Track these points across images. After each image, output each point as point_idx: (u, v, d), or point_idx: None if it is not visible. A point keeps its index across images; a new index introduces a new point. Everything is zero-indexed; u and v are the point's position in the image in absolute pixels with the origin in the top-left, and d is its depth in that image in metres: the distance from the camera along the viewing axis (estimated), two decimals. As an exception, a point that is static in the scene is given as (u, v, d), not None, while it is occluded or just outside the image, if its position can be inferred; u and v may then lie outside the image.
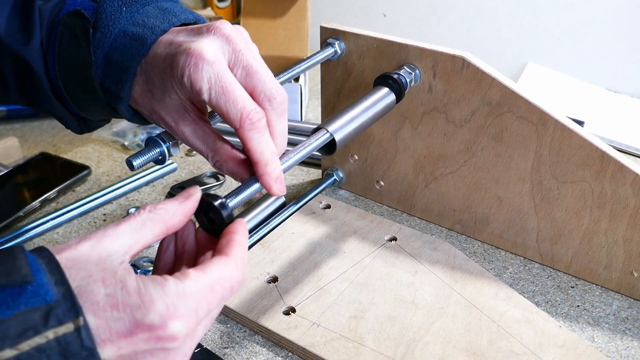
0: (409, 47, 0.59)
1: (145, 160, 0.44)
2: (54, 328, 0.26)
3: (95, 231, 0.32)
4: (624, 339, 0.53)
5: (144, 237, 0.33)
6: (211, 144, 0.41)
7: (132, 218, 0.33)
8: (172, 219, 0.34)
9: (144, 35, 0.41)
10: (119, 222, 0.33)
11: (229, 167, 0.41)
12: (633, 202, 0.54)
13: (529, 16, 1.11)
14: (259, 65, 0.40)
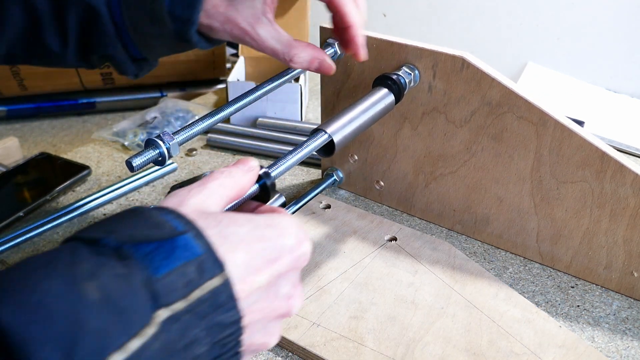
0: (409, 47, 0.59)
1: (145, 161, 0.44)
2: (208, 280, 0.28)
3: (182, 191, 0.34)
4: (624, 339, 0.53)
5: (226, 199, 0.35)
6: (286, 42, 0.48)
7: (215, 179, 0.35)
8: (242, 189, 0.37)
9: None
10: (204, 182, 0.35)
11: (305, 57, 0.49)
12: (633, 202, 0.54)
13: (529, 16, 1.11)
14: None
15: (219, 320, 0.28)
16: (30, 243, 0.65)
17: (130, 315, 0.25)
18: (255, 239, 0.31)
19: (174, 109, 0.94)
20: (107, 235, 0.27)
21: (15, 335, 0.22)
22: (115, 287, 0.25)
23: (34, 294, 0.24)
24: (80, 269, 0.25)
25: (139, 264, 0.26)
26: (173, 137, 0.45)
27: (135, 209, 0.30)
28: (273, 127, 0.88)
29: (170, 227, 0.28)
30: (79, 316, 0.24)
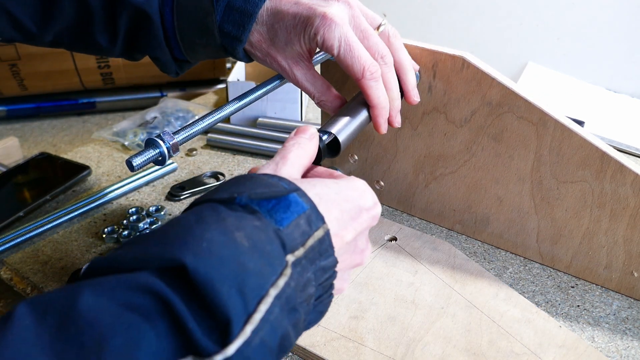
0: (409, 47, 0.59)
1: (145, 161, 0.44)
2: (316, 231, 0.33)
3: (270, 165, 0.38)
4: (624, 339, 0.53)
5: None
6: (319, 87, 0.50)
7: (290, 151, 0.39)
8: (311, 156, 0.42)
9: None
10: (284, 155, 0.39)
11: (333, 105, 0.51)
12: (633, 202, 0.54)
13: (529, 16, 1.11)
14: (371, 30, 0.50)
15: (322, 265, 0.34)
16: (30, 243, 0.66)
17: (273, 259, 0.30)
18: (343, 200, 0.37)
19: (174, 109, 0.94)
20: (239, 194, 0.32)
21: (201, 277, 0.26)
22: (258, 236, 0.30)
23: (202, 242, 0.28)
24: (228, 222, 0.30)
25: (266, 218, 0.32)
26: (173, 136, 0.45)
27: (247, 175, 0.35)
28: (273, 127, 0.88)
29: (281, 186, 0.34)
30: (240, 259, 0.28)
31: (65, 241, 0.66)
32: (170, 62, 0.55)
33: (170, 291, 0.26)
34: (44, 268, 0.61)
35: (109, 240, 0.66)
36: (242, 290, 0.27)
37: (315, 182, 0.37)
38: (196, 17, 0.50)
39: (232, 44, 0.51)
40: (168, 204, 0.73)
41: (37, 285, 0.59)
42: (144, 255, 0.28)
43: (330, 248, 0.34)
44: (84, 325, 0.24)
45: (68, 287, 0.26)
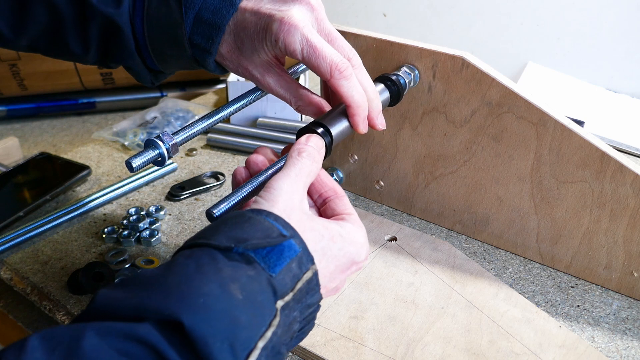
0: (409, 48, 0.59)
1: (145, 161, 0.44)
2: (305, 273, 0.35)
3: (271, 185, 0.39)
4: (624, 339, 0.53)
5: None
6: (294, 92, 0.49)
7: (303, 170, 0.41)
8: (319, 168, 0.43)
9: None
10: (300, 179, 0.40)
11: (310, 109, 0.49)
12: (633, 202, 0.54)
13: (529, 16, 1.11)
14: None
15: (308, 302, 0.36)
16: (30, 243, 0.66)
17: (264, 310, 0.32)
18: (341, 256, 0.40)
19: (174, 109, 0.94)
20: (237, 244, 0.34)
21: (196, 334, 0.28)
22: (251, 287, 0.32)
23: (199, 298, 0.30)
24: (225, 274, 0.32)
25: (260, 265, 0.33)
26: (173, 137, 0.45)
27: (245, 215, 0.36)
28: (273, 127, 0.88)
29: (278, 232, 0.35)
30: (234, 314, 0.30)
31: (65, 241, 0.66)
32: (144, 72, 0.54)
33: (166, 345, 0.28)
34: (44, 268, 0.61)
35: (108, 240, 0.66)
36: (233, 345, 0.30)
37: (324, 233, 0.39)
38: (166, 29, 0.49)
39: (202, 56, 0.50)
40: (168, 204, 0.73)
41: (37, 285, 0.59)
42: (145, 306, 0.29)
43: (316, 286, 0.37)
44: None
45: (75, 326, 0.28)
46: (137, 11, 0.50)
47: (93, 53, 0.53)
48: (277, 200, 0.38)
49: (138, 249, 0.65)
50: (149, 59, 0.53)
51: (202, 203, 0.73)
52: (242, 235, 0.34)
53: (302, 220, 0.38)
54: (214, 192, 0.76)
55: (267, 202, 0.38)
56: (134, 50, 0.51)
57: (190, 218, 0.70)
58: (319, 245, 0.38)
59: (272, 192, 0.39)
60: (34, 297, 0.59)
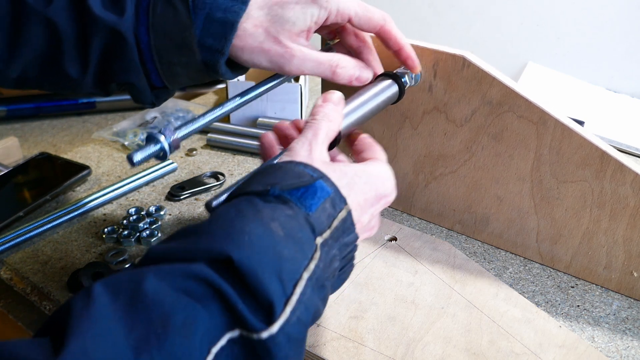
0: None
1: (146, 156, 0.43)
2: (339, 212, 0.38)
3: (304, 147, 0.41)
4: (624, 339, 0.53)
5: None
6: (328, 55, 0.51)
7: (321, 128, 0.43)
8: (339, 126, 0.46)
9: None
10: (316, 133, 0.43)
11: (350, 63, 0.52)
12: (633, 202, 0.54)
13: (529, 16, 1.11)
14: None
15: (345, 241, 0.38)
16: (30, 243, 0.65)
17: (304, 245, 0.34)
18: (368, 189, 0.42)
19: (174, 109, 0.94)
20: (272, 187, 0.36)
21: (245, 267, 0.30)
22: (291, 225, 0.34)
23: (244, 236, 0.32)
24: (264, 214, 0.34)
25: (296, 205, 0.36)
26: (174, 132, 0.45)
27: (275, 165, 0.39)
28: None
29: (308, 175, 0.38)
30: (277, 249, 0.32)
31: (65, 241, 0.66)
32: (146, 89, 0.52)
33: (220, 279, 0.30)
34: (44, 268, 0.61)
35: (109, 240, 0.66)
36: (281, 276, 0.32)
37: (347, 170, 0.41)
38: (174, 34, 0.48)
39: (213, 58, 0.50)
40: (168, 204, 0.73)
41: (37, 285, 0.59)
42: (195, 249, 0.32)
43: (352, 225, 0.39)
44: (150, 304, 0.28)
45: (134, 272, 0.30)
46: (140, 19, 0.48)
47: (91, 74, 0.50)
48: (298, 155, 0.41)
49: (138, 249, 0.65)
50: (154, 73, 0.51)
51: (202, 203, 0.73)
52: (275, 180, 0.37)
53: (325, 164, 0.41)
54: (214, 192, 0.76)
55: (302, 149, 0.41)
56: (138, 63, 0.49)
57: (190, 218, 0.70)
58: (343, 181, 0.40)
59: (292, 151, 0.41)
60: (34, 297, 0.59)
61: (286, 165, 0.39)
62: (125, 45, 0.48)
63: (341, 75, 0.51)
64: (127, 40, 0.48)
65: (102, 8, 0.48)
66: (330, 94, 0.46)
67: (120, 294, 0.29)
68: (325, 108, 0.45)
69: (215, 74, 0.52)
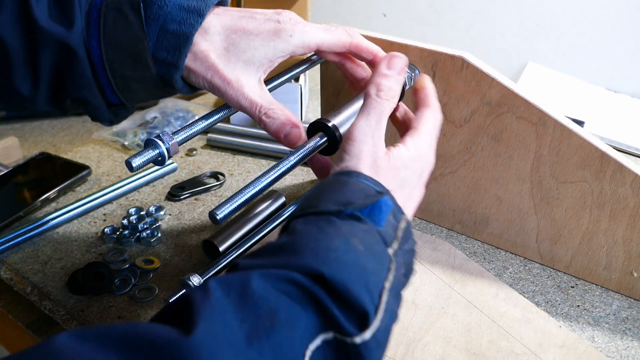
0: (409, 48, 0.59)
1: (145, 161, 0.44)
2: (400, 222, 0.40)
3: (354, 136, 0.43)
4: (624, 339, 0.53)
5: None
6: (267, 99, 0.48)
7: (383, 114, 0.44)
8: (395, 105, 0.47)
9: (198, 7, 0.47)
10: (380, 120, 0.44)
11: (279, 121, 0.48)
12: (633, 202, 0.54)
13: (529, 16, 1.11)
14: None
15: (407, 248, 0.40)
16: (30, 243, 0.66)
17: (382, 257, 0.37)
18: (414, 177, 0.45)
19: (174, 109, 0.94)
20: (345, 207, 0.38)
21: (337, 281, 0.33)
22: (368, 240, 0.37)
23: (331, 253, 0.34)
24: (344, 231, 0.36)
25: (368, 221, 0.38)
26: (172, 137, 0.45)
27: (339, 180, 0.41)
28: (273, 127, 0.88)
29: (374, 191, 0.40)
30: (361, 262, 0.35)
31: (65, 241, 0.66)
32: (102, 106, 0.49)
33: (316, 286, 0.33)
34: (44, 268, 0.61)
35: (109, 241, 0.66)
36: (368, 288, 0.34)
37: (397, 165, 0.43)
38: (127, 46, 0.46)
39: (168, 72, 0.47)
40: (168, 204, 0.73)
41: (37, 285, 0.59)
42: (287, 264, 0.34)
43: (410, 233, 0.42)
44: (257, 301, 0.31)
45: (242, 273, 0.33)
46: (91, 31, 0.46)
47: (44, 90, 0.47)
48: (361, 156, 0.42)
49: (138, 249, 0.65)
50: (109, 88, 0.48)
51: (202, 203, 0.74)
52: (345, 199, 0.39)
53: (383, 166, 0.42)
54: (214, 192, 0.76)
55: (353, 159, 0.42)
56: (91, 78, 0.47)
57: (190, 218, 0.70)
58: (397, 182, 0.43)
59: (355, 145, 0.42)
60: (34, 297, 0.59)
61: (350, 180, 0.40)
62: (76, 59, 0.46)
63: (268, 125, 0.48)
64: (78, 54, 0.45)
65: (49, 20, 0.45)
66: (398, 59, 0.47)
67: (231, 290, 0.32)
68: (392, 81, 0.45)
69: (172, 89, 0.50)
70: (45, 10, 0.45)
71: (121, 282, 0.59)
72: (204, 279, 0.57)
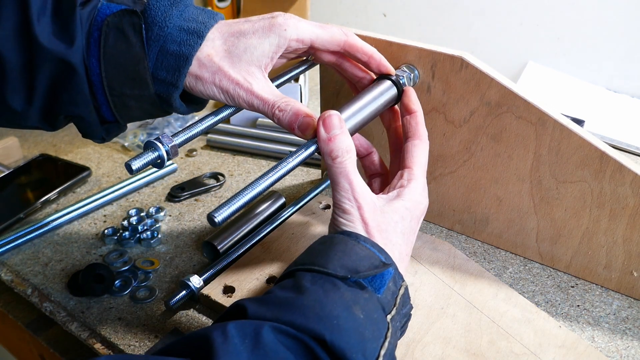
0: (408, 48, 0.59)
1: (144, 163, 0.44)
2: (400, 289, 0.43)
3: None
4: (624, 339, 0.53)
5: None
6: (277, 94, 0.49)
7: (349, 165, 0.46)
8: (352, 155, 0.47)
9: (198, 29, 0.48)
10: (351, 180, 0.46)
11: (292, 106, 0.48)
12: (632, 202, 0.54)
13: (529, 16, 1.11)
14: None
15: (404, 312, 0.44)
16: (30, 245, 0.66)
17: (380, 325, 0.39)
18: (410, 232, 0.48)
19: (174, 110, 0.94)
20: (351, 274, 0.41)
21: (336, 347, 0.36)
22: (369, 307, 0.39)
23: (333, 320, 0.37)
24: (347, 298, 0.39)
25: (369, 288, 0.41)
26: (172, 139, 0.46)
27: (347, 242, 0.43)
28: (273, 127, 0.88)
29: (379, 262, 0.43)
30: (360, 330, 0.37)
31: (66, 242, 0.66)
32: (95, 123, 0.49)
33: (319, 348, 0.36)
34: (45, 269, 0.62)
35: (109, 242, 0.66)
36: (365, 354, 0.37)
37: (396, 217, 0.46)
38: (127, 66, 0.46)
39: (167, 91, 0.48)
40: (168, 205, 0.73)
41: (38, 287, 0.59)
42: (294, 324, 0.36)
43: (408, 298, 0.44)
44: (269, 352, 0.34)
45: (256, 322, 0.36)
46: (91, 50, 0.46)
47: (37, 106, 0.47)
48: (353, 219, 0.45)
49: (138, 250, 0.65)
50: (104, 105, 0.48)
51: (202, 204, 0.74)
52: (353, 265, 0.41)
53: (379, 222, 0.45)
54: (214, 193, 0.76)
55: (348, 222, 0.45)
56: (88, 95, 0.47)
57: (190, 219, 0.70)
58: (397, 233, 0.46)
59: (345, 212, 0.45)
60: (35, 299, 0.59)
61: (356, 244, 0.43)
62: (75, 76, 0.46)
63: (281, 119, 0.48)
64: (77, 71, 0.46)
65: (51, 37, 0.45)
66: (327, 121, 0.46)
67: (246, 338, 0.35)
68: (336, 141, 0.45)
69: (169, 108, 0.50)
70: (47, 27, 0.45)
71: (121, 283, 0.59)
72: (203, 279, 0.57)
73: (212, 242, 0.62)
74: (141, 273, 0.61)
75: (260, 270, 0.59)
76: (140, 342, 0.53)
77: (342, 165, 0.45)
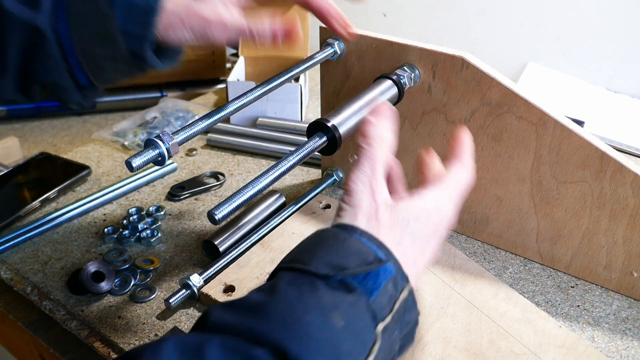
0: (409, 48, 0.59)
1: (145, 161, 0.44)
2: (401, 293, 0.36)
3: (350, 188, 0.39)
4: (624, 339, 0.53)
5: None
6: (247, 19, 0.49)
7: (378, 159, 0.41)
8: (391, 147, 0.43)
9: None
10: (375, 172, 0.40)
11: (266, 22, 0.49)
12: (633, 202, 0.54)
13: (529, 16, 1.11)
14: None
15: (407, 319, 0.36)
16: (30, 243, 0.66)
17: (364, 336, 0.33)
18: (428, 233, 0.40)
19: (174, 109, 0.94)
20: (335, 272, 0.34)
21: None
22: (351, 314, 0.33)
23: (302, 327, 0.31)
24: (325, 302, 0.32)
25: (358, 291, 0.34)
26: (172, 137, 0.45)
27: (339, 235, 0.37)
28: (273, 127, 0.88)
29: (374, 256, 0.35)
30: (335, 342, 0.31)
31: (65, 241, 0.66)
32: (71, 88, 0.49)
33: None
34: (44, 268, 0.61)
35: (109, 241, 0.66)
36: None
37: (408, 216, 0.39)
38: (95, 26, 0.46)
39: (139, 46, 0.48)
40: (168, 204, 0.73)
41: (37, 285, 0.59)
42: (255, 333, 0.31)
43: (414, 303, 0.37)
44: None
45: (201, 336, 0.31)
46: (59, 13, 0.46)
47: (11, 76, 0.47)
48: (360, 205, 0.38)
49: (138, 249, 0.65)
50: (77, 69, 0.48)
51: (202, 203, 0.74)
52: (339, 262, 0.35)
53: (384, 219, 0.38)
54: (214, 192, 0.76)
55: (351, 211, 0.38)
56: (60, 59, 0.47)
57: (190, 218, 0.70)
58: (405, 234, 0.38)
59: (353, 196, 0.39)
60: (34, 297, 0.59)
61: (349, 237, 0.36)
62: (45, 41, 0.46)
63: (261, 33, 0.49)
64: (46, 36, 0.45)
65: (15, 3, 0.45)
66: (382, 108, 0.43)
67: (185, 356, 0.29)
68: (379, 128, 0.42)
69: (143, 64, 0.50)
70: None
71: (121, 282, 0.59)
72: (203, 278, 0.57)
73: (212, 241, 0.62)
74: (141, 272, 0.61)
75: (261, 269, 0.59)
76: (140, 340, 0.53)
77: (373, 149, 0.41)
